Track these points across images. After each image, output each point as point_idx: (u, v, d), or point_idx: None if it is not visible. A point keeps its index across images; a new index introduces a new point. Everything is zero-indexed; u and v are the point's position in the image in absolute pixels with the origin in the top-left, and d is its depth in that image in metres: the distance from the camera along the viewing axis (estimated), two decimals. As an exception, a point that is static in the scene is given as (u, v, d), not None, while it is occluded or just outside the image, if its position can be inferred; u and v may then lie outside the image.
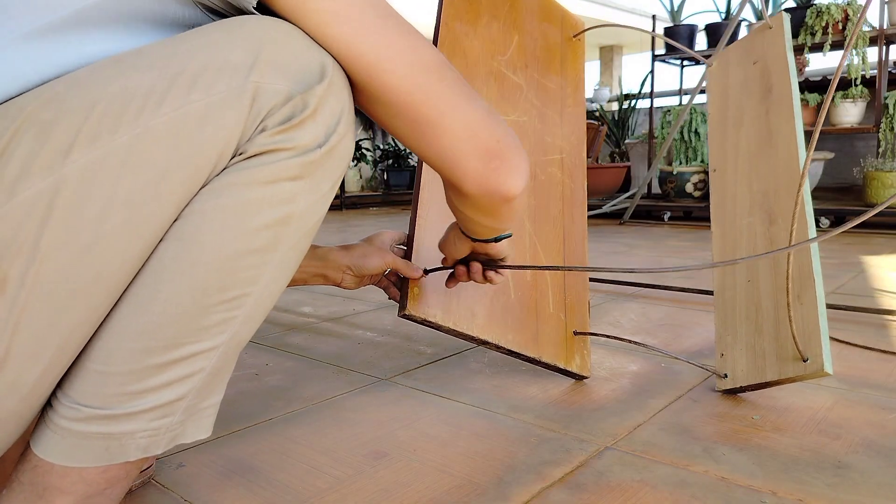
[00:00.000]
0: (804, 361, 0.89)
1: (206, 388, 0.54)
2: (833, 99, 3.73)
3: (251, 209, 0.50)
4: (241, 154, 0.50)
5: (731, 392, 1.01)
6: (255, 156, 0.50)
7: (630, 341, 1.08)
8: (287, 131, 0.50)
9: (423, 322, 0.88)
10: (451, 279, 0.89)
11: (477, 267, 0.86)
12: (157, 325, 0.49)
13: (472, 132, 0.58)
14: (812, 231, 0.96)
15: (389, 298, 0.99)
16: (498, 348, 0.96)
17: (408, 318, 0.87)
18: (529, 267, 0.83)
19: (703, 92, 3.31)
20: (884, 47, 3.52)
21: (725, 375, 1.01)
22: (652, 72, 4.28)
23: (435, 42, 1.00)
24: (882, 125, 3.54)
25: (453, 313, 0.91)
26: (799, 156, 1.00)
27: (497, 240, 0.80)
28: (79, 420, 0.50)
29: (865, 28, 3.50)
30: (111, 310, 0.50)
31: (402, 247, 0.99)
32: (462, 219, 0.74)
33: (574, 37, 1.27)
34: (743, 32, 4.00)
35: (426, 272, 0.91)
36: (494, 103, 1.08)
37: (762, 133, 1.08)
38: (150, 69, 0.49)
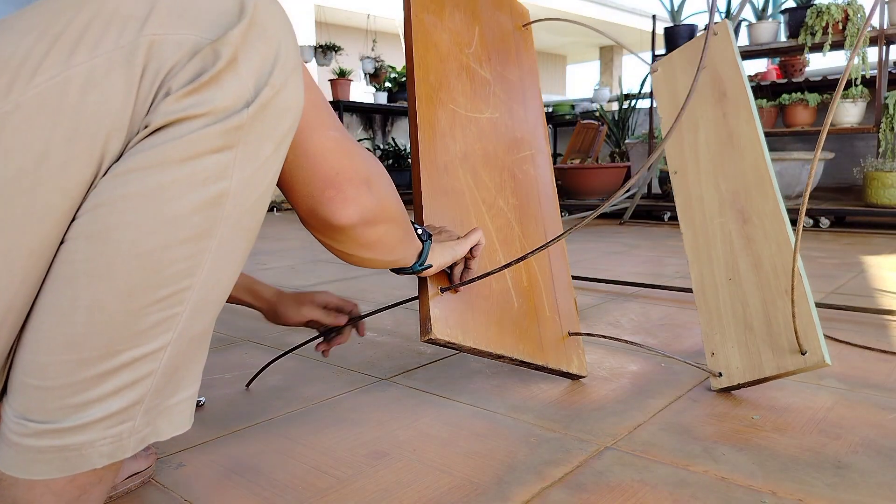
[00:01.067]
0: (803, 354, 0.91)
1: (166, 387, 0.49)
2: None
3: (168, 195, 0.42)
4: (145, 128, 0.42)
5: (728, 390, 1.01)
6: (162, 128, 0.42)
7: (626, 341, 1.08)
8: (197, 92, 0.42)
9: (447, 344, 0.86)
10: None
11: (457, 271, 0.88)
12: (84, 336, 0.44)
13: (315, 160, 0.55)
14: (788, 228, 1.00)
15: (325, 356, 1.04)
16: (511, 361, 0.95)
17: (431, 343, 0.85)
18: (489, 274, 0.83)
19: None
20: (884, 47, 3.52)
21: (720, 374, 1.01)
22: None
23: (408, 36, 0.96)
24: (882, 125, 3.54)
25: (471, 331, 0.89)
26: (764, 155, 1.05)
27: (417, 270, 0.81)
28: (28, 435, 0.46)
29: (865, 28, 3.50)
30: (33, 320, 0.45)
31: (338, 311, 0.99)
32: (341, 257, 0.73)
33: (523, 26, 1.26)
34: (743, 32, 4.00)
35: (363, 318, 0.97)
36: (469, 100, 1.06)
37: (721, 135, 1.12)
38: (28, 32, 0.41)
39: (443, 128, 0.99)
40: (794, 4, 3.77)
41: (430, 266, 0.81)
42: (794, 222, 2.79)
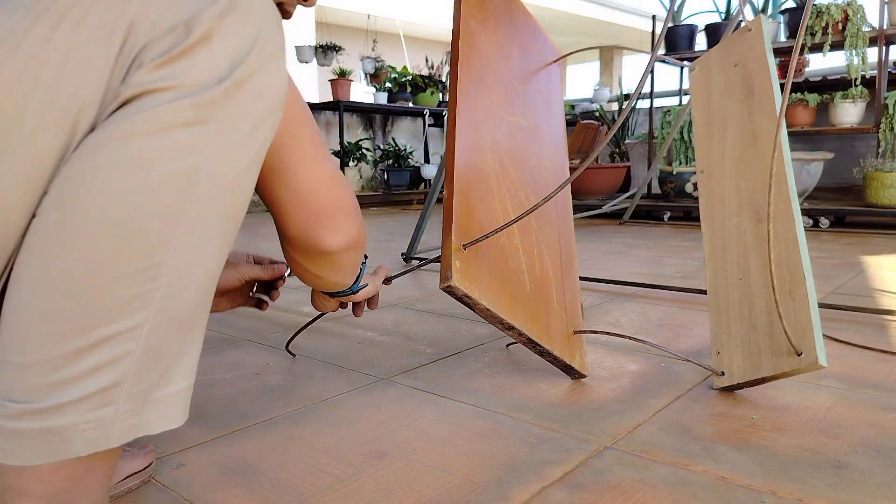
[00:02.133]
0: (798, 356, 0.91)
1: (150, 373, 0.49)
2: (833, 99, 3.73)
3: (138, 165, 0.43)
4: (116, 99, 0.43)
5: (729, 389, 1.01)
6: (132, 100, 0.43)
7: (631, 338, 1.08)
8: (167, 64, 0.42)
9: (463, 297, 0.86)
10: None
11: (361, 306, 0.99)
12: (57, 309, 0.44)
13: (312, 189, 0.62)
14: (799, 227, 1.00)
15: (264, 310, 1.01)
16: (520, 335, 0.96)
17: (449, 291, 0.85)
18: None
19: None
20: (884, 47, 3.51)
21: (723, 373, 1.01)
22: (652, 72, 4.28)
23: (455, 37, 1.02)
24: (882, 125, 3.54)
25: (486, 294, 0.90)
26: (784, 155, 1.03)
27: (353, 291, 0.88)
28: (11, 417, 0.46)
29: (865, 28, 3.50)
30: (10, 295, 0.46)
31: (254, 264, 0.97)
32: (305, 277, 0.78)
33: (554, 62, 1.39)
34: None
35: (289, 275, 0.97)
36: (502, 103, 1.11)
37: (746, 134, 1.11)
38: (16, 9, 0.42)
39: (478, 114, 1.03)
40: (794, 4, 3.77)
41: (367, 285, 0.91)
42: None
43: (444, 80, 6.36)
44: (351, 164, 5.93)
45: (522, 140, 1.15)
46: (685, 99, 4.59)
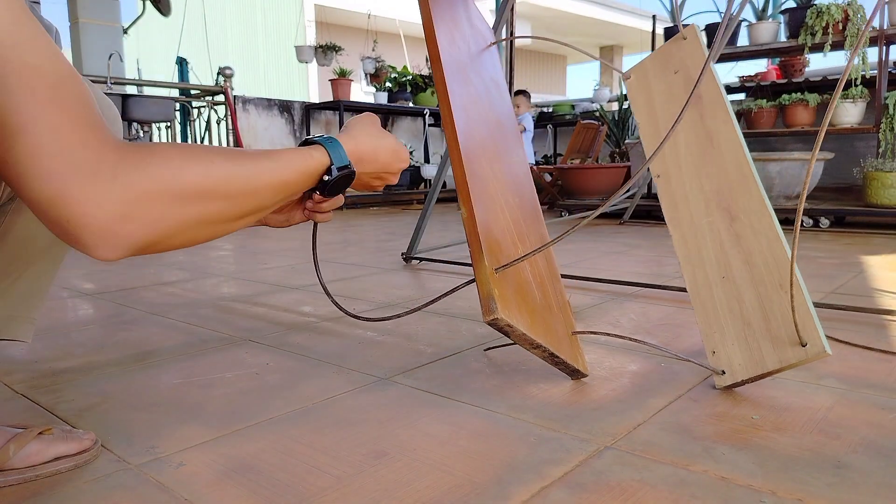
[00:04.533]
0: (803, 346, 0.92)
1: None
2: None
3: None
4: None
5: (732, 387, 1.01)
6: None
7: (631, 339, 1.08)
8: None
9: (505, 327, 0.82)
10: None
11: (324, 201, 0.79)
12: None
13: (29, 183, 0.48)
14: (776, 223, 1.04)
15: (312, 218, 0.85)
16: (543, 352, 0.94)
17: (493, 324, 0.80)
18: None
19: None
20: (884, 47, 3.51)
21: (723, 372, 1.01)
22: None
23: (429, 30, 0.96)
24: (882, 125, 3.54)
25: (519, 318, 0.86)
26: (745, 153, 1.08)
27: (340, 174, 0.72)
28: None
29: (865, 28, 3.50)
30: None
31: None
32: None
33: (499, 42, 1.37)
34: (743, 32, 4.00)
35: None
36: (474, 101, 1.07)
37: (700, 136, 1.14)
38: None
39: (466, 115, 0.98)
40: (794, 4, 3.77)
41: (350, 166, 0.73)
42: (793, 222, 2.78)
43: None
44: (351, 163, 5.92)
45: (497, 136, 1.13)
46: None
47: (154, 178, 0.52)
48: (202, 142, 5.28)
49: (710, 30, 3.95)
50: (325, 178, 0.73)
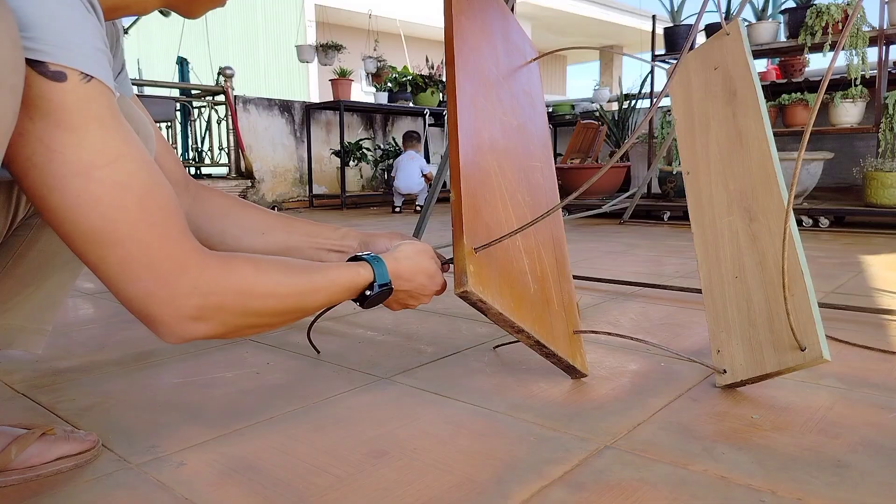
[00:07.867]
0: (802, 350, 0.91)
1: None
2: (833, 99, 3.73)
3: None
4: None
5: (732, 387, 1.02)
6: None
7: (631, 338, 1.08)
8: None
9: (477, 302, 0.85)
10: None
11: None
12: None
13: (81, 236, 0.57)
14: (793, 225, 1.01)
15: None
16: (528, 338, 0.95)
17: (463, 297, 0.83)
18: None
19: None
20: (884, 47, 3.51)
21: (724, 371, 1.01)
22: (651, 72, 4.28)
23: (448, 35, 1.00)
24: (882, 125, 3.54)
25: (497, 298, 0.88)
26: (771, 154, 1.06)
27: (365, 298, 0.85)
28: None
29: (865, 28, 3.50)
30: None
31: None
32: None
33: (533, 60, 1.38)
34: (743, 32, 4.00)
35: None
36: (493, 104, 1.10)
37: (731, 134, 1.12)
38: None
39: (477, 113, 1.02)
40: (794, 4, 3.77)
41: (386, 286, 0.86)
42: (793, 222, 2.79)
43: (444, 79, 6.35)
44: (351, 163, 5.93)
45: (514, 139, 1.15)
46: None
47: (226, 295, 0.65)
48: (202, 142, 5.28)
49: (710, 30, 3.94)
50: (367, 292, 0.85)
